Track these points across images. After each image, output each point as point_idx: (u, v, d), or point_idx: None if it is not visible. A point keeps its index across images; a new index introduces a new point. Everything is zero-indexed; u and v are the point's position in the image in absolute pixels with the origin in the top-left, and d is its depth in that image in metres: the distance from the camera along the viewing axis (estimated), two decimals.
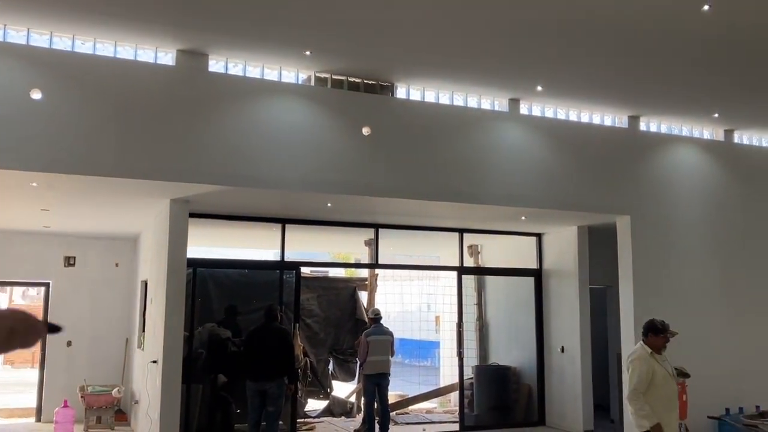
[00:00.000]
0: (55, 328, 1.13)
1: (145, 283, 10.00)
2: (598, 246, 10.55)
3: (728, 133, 10.72)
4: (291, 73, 8.11)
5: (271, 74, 8.01)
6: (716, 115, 9.88)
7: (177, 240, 8.07)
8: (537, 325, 11.13)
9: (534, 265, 11.37)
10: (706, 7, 6.37)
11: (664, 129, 10.31)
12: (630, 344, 9.39)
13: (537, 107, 9.40)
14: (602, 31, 6.97)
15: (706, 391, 9.27)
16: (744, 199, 10.62)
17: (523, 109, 9.28)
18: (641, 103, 9.44)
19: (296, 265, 10.01)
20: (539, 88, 8.68)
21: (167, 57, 7.50)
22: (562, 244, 10.86)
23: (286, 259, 9.83)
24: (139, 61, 7.39)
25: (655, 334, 5.63)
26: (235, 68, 7.83)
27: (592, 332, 10.54)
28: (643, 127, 10.09)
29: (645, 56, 7.60)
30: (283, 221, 9.67)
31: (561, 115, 9.56)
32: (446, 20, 6.71)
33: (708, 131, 10.65)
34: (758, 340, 10.34)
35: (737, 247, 10.41)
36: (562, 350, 10.58)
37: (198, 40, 7.24)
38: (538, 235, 11.39)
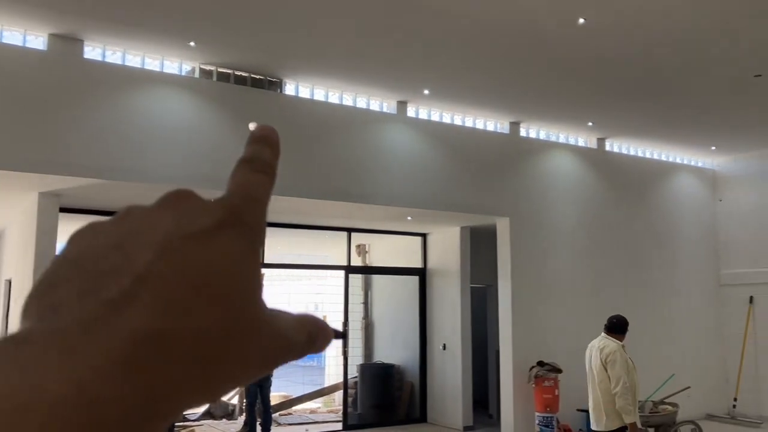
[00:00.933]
0: (339, 334, 0.88)
1: (9, 283, 9.33)
2: (480, 246, 10.90)
3: (601, 141, 11.37)
4: (174, 63, 7.82)
5: (152, 64, 7.69)
6: (590, 123, 10.45)
7: (45, 237, 7.56)
8: (420, 324, 11.36)
9: (419, 264, 11.59)
10: (581, 21, 6.72)
11: (542, 135, 10.79)
12: (508, 342, 9.76)
13: (424, 110, 9.58)
14: (485, 40, 7.19)
15: (578, 384, 9.77)
16: (615, 201, 11.30)
17: (411, 112, 9.43)
18: (521, 110, 9.83)
19: None
20: (426, 91, 8.85)
21: (38, 41, 7.02)
22: (446, 244, 11.14)
23: None
24: (6, 44, 6.87)
25: (625, 329, 6.22)
26: (114, 56, 7.45)
27: (473, 330, 10.87)
28: (523, 133, 10.51)
29: (524, 66, 7.92)
30: None
31: (447, 119, 9.79)
32: (336, 19, 6.70)
33: (583, 139, 11.25)
34: (629, 334, 11.01)
35: (608, 247, 11.06)
36: (444, 348, 10.84)
37: (72, 24, 6.83)
38: (423, 235, 11.62)
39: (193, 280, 0.30)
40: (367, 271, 12.58)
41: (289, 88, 8.50)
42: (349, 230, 11.01)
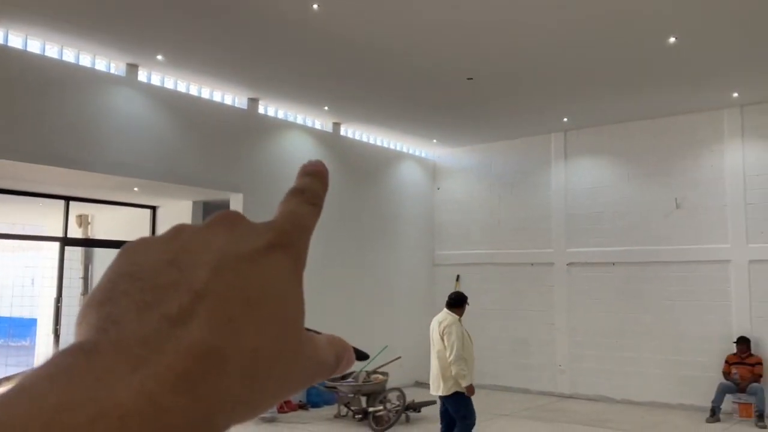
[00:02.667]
0: (363, 356, 0.63)
1: None
2: None
3: (336, 126, 11.85)
4: None
5: None
6: (326, 108, 10.83)
7: None
8: None
9: None
10: (315, 6, 6.91)
11: (281, 114, 10.94)
12: None
13: (157, 76, 9.14)
14: (224, 13, 7.06)
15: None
16: (347, 185, 11.86)
17: (142, 77, 8.93)
18: (260, 87, 9.85)
19: None
20: (160, 57, 8.44)
21: None
22: (177, 219, 10.77)
23: None
24: None
25: (462, 304, 6.81)
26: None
27: None
28: (261, 110, 10.55)
29: (263, 44, 7.94)
30: None
31: (182, 88, 9.46)
32: None
33: (320, 122, 11.62)
34: (354, 307, 11.68)
35: (338, 227, 11.58)
36: None
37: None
38: (153, 208, 11.13)
39: (247, 299, 0.31)
40: (87, 243, 11.70)
41: None
42: (67, 199, 10.14)
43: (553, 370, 12.05)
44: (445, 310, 6.91)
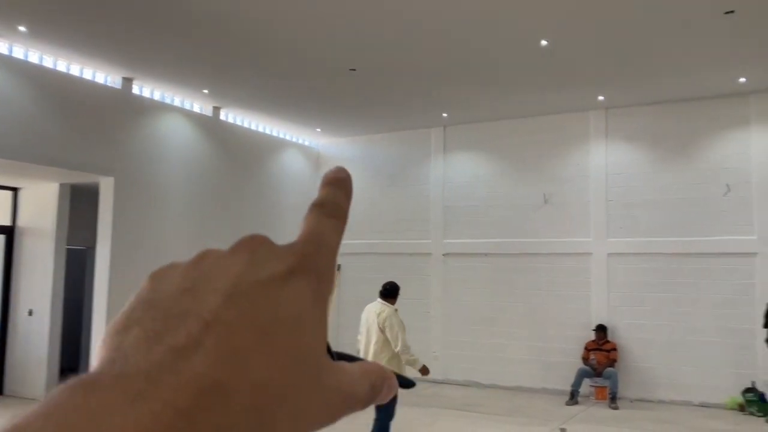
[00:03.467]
0: (408, 383, 0.48)
1: None
2: (82, 206, 10.20)
3: (216, 110, 11.56)
4: None
5: None
6: (206, 91, 10.54)
7: None
8: (3, 288, 10.19)
9: (7, 222, 10.35)
10: None
11: (157, 96, 10.53)
12: (103, 306, 9.36)
13: (20, 48, 8.54)
14: None
15: None
16: (226, 170, 11.62)
17: (2, 48, 8.32)
18: (136, 66, 9.43)
19: None
20: (22, 28, 7.89)
21: None
22: (42, 202, 10.16)
23: None
24: None
25: (396, 294, 6.80)
26: None
27: (69, 294, 10.17)
28: (136, 90, 10.11)
29: (137, 18, 7.61)
30: None
31: (48, 63, 8.89)
32: None
33: (198, 105, 11.29)
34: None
35: (217, 214, 11.32)
36: (30, 313, 9.92)
37: None
38: (14, 190, 10.41)
39: (257, 328, 0.29)
40: None
41: None
42: None
43: (428, 357, 12.41)
44: (380, 300, 6.82)
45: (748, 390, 9.68)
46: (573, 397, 10.25)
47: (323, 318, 0.33)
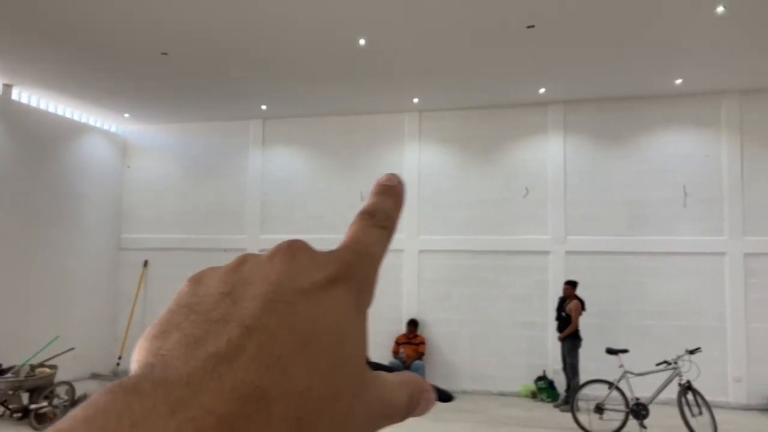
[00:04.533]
0: (447, 397, 0.24)
1: None
2: None
3: (7, 88, 10.39)
4: None
5: None
6: None
7: None
8: None
9: None
10: None
11: None
12: None
13: None
14: None
15: None
16: (18, 155, 10.50)
17: None
18: None
19: None
20: None
21: None
22: None
23: None
24: None
25: None
26: None
27: None
28: None
29: None
30: None
31: None
32: None
33: None
34: (19, 294, 10.34)
35: (6, 202, 10.19)
36: None
37: None
38: None
39: (298, 336, 0.29)
40: None
41: None
42: None
43: None
44: None
45: (539, 378, 10.51)
46: None
47: (363, 328, 0.32)
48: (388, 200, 0.38)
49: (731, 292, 10.16)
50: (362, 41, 8.31)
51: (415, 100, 11.04)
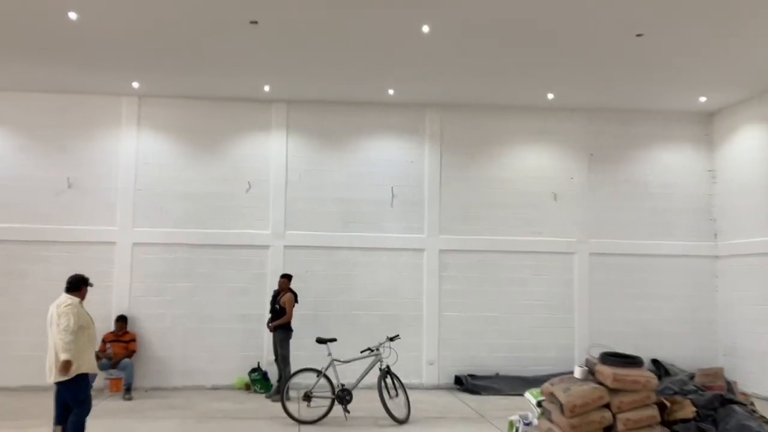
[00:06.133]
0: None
1: None
2: None
3: None
4: None
5: None
6: None
7: None
8: None
9: None
10: None
11: None
12: None
13: None
14: None
15: None
16: None
17: None
18: None
19: None
20: None
21: None
22: None
23: None
24: None
25: (81, 287, 6.45)
26: None
27: None
28: None
29: None
30: None
31: None
32: None
33: None
34: None
35: None
36: None
37: None
38: None
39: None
40: None
41: None
42: None
43: None
44: (65, 294, 6.41)
45: (253, 370, 10.63)
46: None
47: None
48: None
49: (428, 284, 11.32)
50: (73, 15, 7.65)
51: (135, 84, 10.46)
